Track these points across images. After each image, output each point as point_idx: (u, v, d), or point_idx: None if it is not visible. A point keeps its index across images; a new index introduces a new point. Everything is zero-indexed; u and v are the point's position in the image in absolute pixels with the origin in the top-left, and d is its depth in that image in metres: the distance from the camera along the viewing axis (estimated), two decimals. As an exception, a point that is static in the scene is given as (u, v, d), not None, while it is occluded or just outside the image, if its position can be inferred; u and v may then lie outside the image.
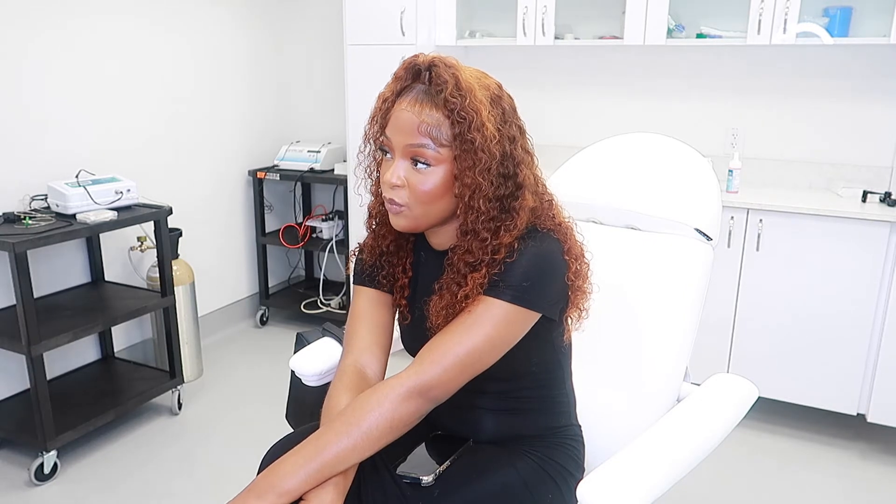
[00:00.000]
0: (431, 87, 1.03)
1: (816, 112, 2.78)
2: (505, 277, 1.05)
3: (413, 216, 1.08)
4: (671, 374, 1.42)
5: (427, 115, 1.02)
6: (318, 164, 3.37)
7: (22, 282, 2.08)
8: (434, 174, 1.04)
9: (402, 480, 1.13)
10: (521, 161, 1.07)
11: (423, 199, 1.06)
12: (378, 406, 1.03)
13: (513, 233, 1.06)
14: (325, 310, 3.51)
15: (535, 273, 1.05)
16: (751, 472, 2.36)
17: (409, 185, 1.05)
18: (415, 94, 1.04)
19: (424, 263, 1.21)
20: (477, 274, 1.06)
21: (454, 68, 1.03)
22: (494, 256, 1.05)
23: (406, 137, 1.04)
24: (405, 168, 1.06)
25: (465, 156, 1.02)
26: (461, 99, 1.00)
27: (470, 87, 1.02)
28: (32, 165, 2.47)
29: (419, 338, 1.20)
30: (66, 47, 2.55)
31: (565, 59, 3.15)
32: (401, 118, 1.04)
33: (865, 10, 2.57)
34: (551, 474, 1.18)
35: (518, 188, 1.07)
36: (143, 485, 2.25)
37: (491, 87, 1.07)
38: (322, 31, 3.56)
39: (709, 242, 1.47)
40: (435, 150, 1.03)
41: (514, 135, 1.07)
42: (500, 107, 1.06)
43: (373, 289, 1.23)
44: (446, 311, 1.08)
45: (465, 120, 1.00)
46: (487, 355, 1.06)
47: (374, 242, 1.22)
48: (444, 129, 1.02)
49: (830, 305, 2.43)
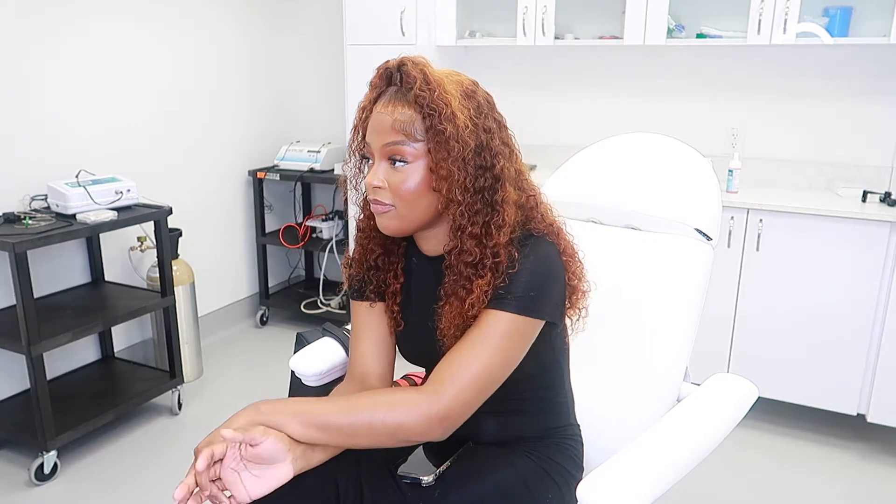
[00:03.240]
0: (402, 86, 1.05)
1: (816, 112, 2.78)
2: (510, 289, 1.04)
3: (399, 216, 1.08)
4: (671, 374, 1.42)
5: (399, 112, 1.03)
6: (318, 164, 3.37)
7: (22, 282, 2.08)
8: (413, 171, 1.05)
9: (402, 481, 1.14)
10: (498, 153, 1.07)
11: (405, 198, 1.06)
12: (389, 411, 1.00)
13: (504, 230, 1.05)
14: (325, 310, 3.51)
15: (537, 281, 1.05)
16: (751, 472, 2.36)
17: (391, 185, 1.06)
18: (388, 95, 1.06)
19: (417, 269, 1.21)
20: (482, 281, 1.05)
21: (422, 65, 1.04)
22: (496, 260, 1.05)
23: (382, 137, 1.05)
24: (385, 169, 1.07)
25: (438, 147, 1.03)
26: (430, 92, 1.02)
27: (439, 81, 1.03)
28: (32, 165, 2.47)
29: (415, 344, 1.20)
30: (66, 47, 2.55)
31: (565, 59, 3.15)
32: (376, 121, 1.06)
33: (865, 10, 2.57)
34: (551, 474, 1.18)
35: (497, 180, 1.06)
36: (143, 485, 2.25)
37: (464, 83, 1.08)
38: (322, 31, 3.56)
39: (709, 242, 1.47)
40: (410, 145, 1.04)
41: (491, 127, 1.07)
42: (475, 100, 1.07)
43: (367, 301, 1.23)
44: (457, 320, 1.06)
45: (436, 112, 1.01)
46: (502, 371, 1.05)
47: (361, 257, 1.23)
48: (417, 124, 1.03)
49: (830, 305, 2.43)
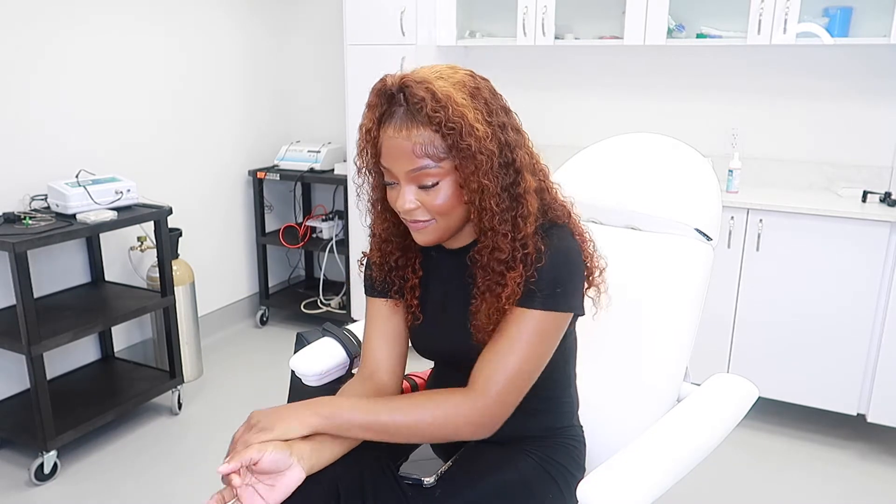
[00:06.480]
0: (410, 106, 1.01)
1: (816, 112, 2.78)
2: (538, 286, 1.06)
3: (439, 228, 1.09)
4: (671, 374, 1.42)
5: (416, 135, 1.01)
6: (318, 164, 3.37)
7: (22, 282, 2.08)
8: (442, 189, 1.05)
9: (403, 481, 1.14)
10: (514, 144, 1.08)
11: (440, 212, 1.07)
12: (442, 415, 1.05)
13: (529, 220, 1.07)
14: (325, 310, 3.51)
15: (563, 275, 1.08)
16: (751, 471, 2.36)
17: (424, 203, 1.06)
18: (398, 118, 1.03)
19: (437, 262, 1.22)
20: (514, 273, 1.06)
21: (426, 82, 1.01)
22: (526, 252, 1.07)
23: (405, 164, 1.03)
24: (413, 191, 1.06)
25: (464, 163, 1.02)
26: (443, 111, 0.99)
27: (447, 95, 1.00)
28: (32, 165, 2.47)
29: (431, 337, 1.21)
30: (67, 47, 2.55)
31: (565, 59, 3.15)
32: (393, 147, 1.03)
33: (865, 10, 2.57)
34: (552, 474, 1.18)
35: (518, 173, 1.07)
36: (143, 485, 2.25)
37: (465, 83, 1.05)
38: (322, 31, 3.56)
39: (709, 242, 1.47)
40: (436, 165, 1.03)
41: (503, 121, 1.07)
42: (481, 97, 1.05)
43: (383, 299, 1.24)
44: (495, 316, 1.08)
45: (455, 129, 1.00)
46: (538, 367, 1.09)
47: (381, 260, 1.22)
48: (438, 143, 1.01)
49: (830, 305, 2.43)
